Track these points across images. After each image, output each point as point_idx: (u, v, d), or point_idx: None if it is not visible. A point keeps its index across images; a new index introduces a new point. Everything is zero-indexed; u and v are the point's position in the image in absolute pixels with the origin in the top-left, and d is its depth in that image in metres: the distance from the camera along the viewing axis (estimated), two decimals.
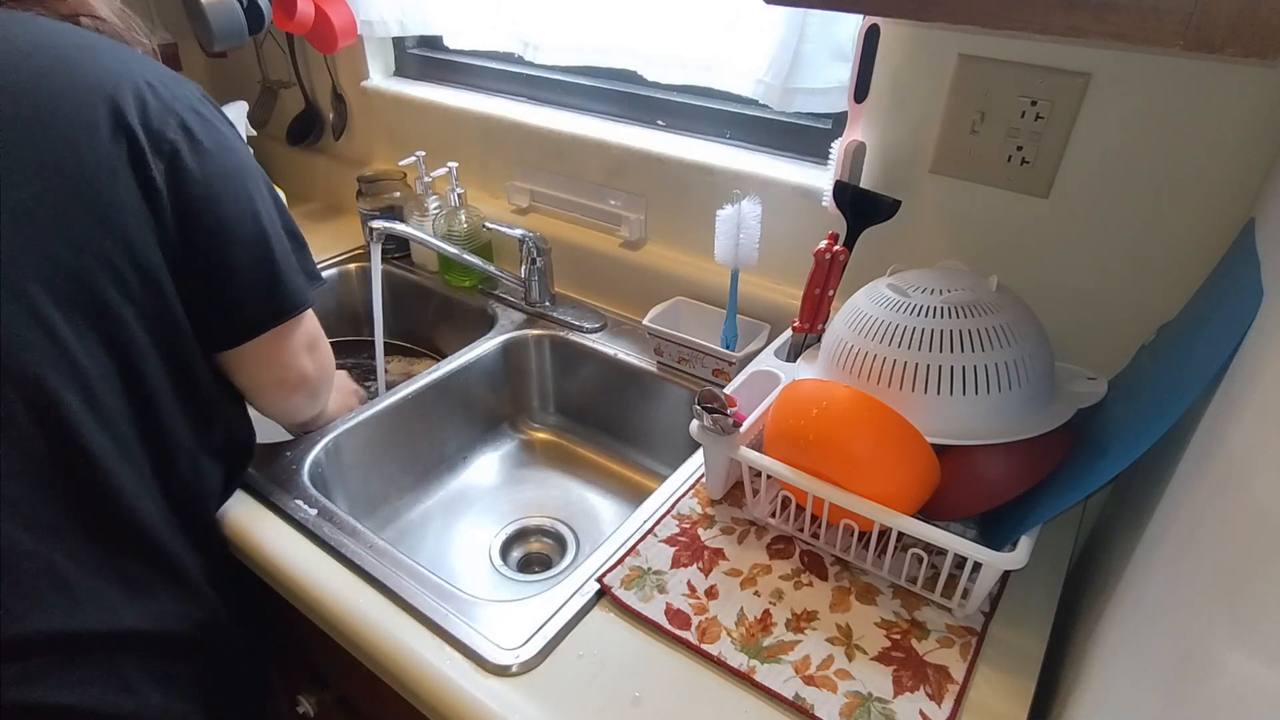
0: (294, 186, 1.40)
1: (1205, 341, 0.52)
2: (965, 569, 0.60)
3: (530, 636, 0.60)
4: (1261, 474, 0.34)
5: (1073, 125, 0.70)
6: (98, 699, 0.59)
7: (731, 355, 0.90)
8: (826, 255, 0.76)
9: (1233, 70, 0.63)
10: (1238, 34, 0.40)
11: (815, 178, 0.89)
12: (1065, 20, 0.45)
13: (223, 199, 0.64)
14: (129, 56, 0.64)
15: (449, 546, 0.93)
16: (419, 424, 0.97)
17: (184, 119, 0.62)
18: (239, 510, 0.75)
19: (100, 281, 0.58)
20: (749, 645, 0.60)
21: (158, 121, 0.61)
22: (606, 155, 1.04)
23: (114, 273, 0.59)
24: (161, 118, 0.61)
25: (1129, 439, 0.52)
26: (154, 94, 0.61)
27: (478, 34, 1.11)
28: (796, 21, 0.81)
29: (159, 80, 0.63)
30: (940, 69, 0.75)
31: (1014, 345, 0.61)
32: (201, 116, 0.64)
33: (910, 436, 0.60)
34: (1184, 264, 0.70)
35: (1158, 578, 0.44)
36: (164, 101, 0.62)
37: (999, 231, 0.79)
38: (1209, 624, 0.34)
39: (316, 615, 0.67)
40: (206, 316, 0.66)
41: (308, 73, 1.37)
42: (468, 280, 1.15)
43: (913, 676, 0.57)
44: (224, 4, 1.03)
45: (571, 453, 1.07)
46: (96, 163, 0.58)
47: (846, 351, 0.66)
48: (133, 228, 0.59)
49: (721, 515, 0.73)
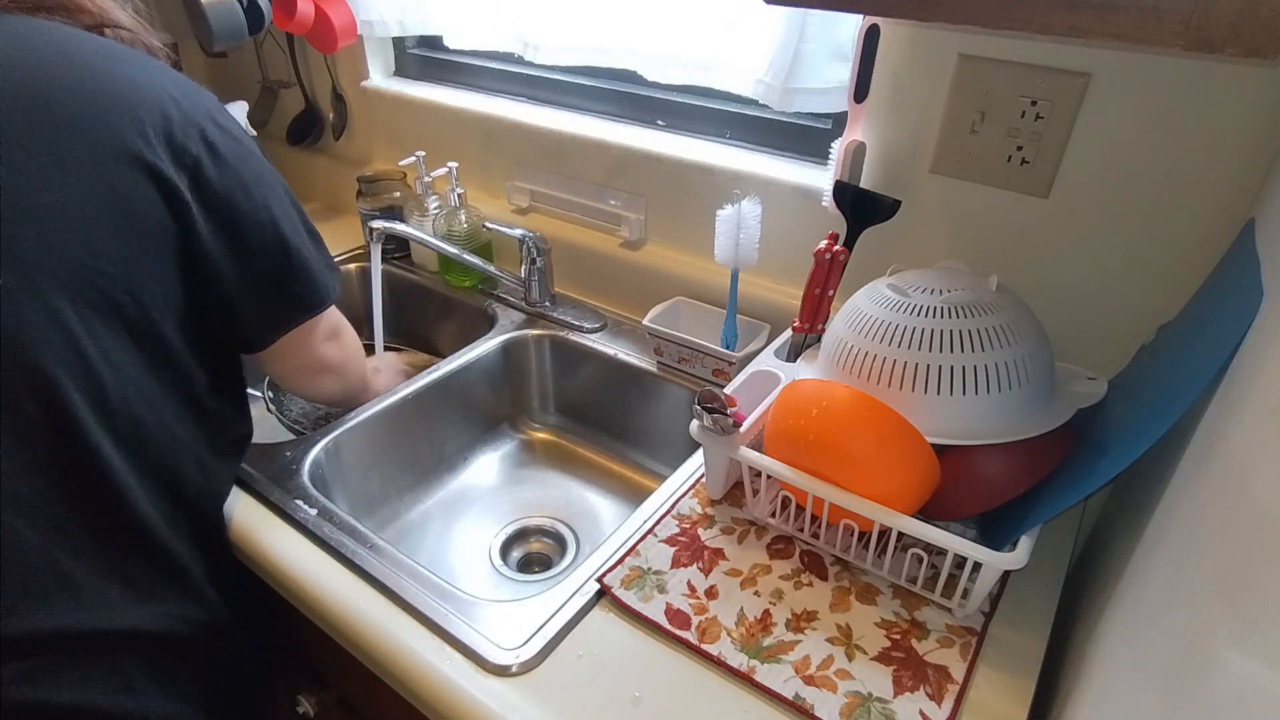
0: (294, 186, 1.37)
1: (1205, 341, 0.52)
2: (965, 569, 0.60)
3: (530, 636, 0.60)
4: (1261, 474, 0.34)
5: (1073, 125, 0.70)
6: (98, 698, 0.59)
7: (731, 355, 0.90)
8: (826, 255, 0.76)
9: (1233, 70, 0.63)
10: (1238, 34, 0.40)
11: (815, 178, 0.89)
12: (1065, 20, 0.45)
13: (244, 207, 0.66)
14: (153, 67, 0.65)
15: (449, 546, 0.93)
16: (419, 424, 0.97)
17: (204, 130, 0.64)
18: (239, 510, 0.75)
19: (117, 286, 0.59)
20: (749, 645, 0.60)
21: (180, 134, 0.62)
22: (606, 155, 1.04)
23: (131, 278, 0.60)
24: (184, 130, 0.62)
25: (1129, 439, 0.52)
26: (177, 107, 0.63)
27: (478, 34, 1.11)
28: (796, 21, 0.81)
29: (181, 92, 0.64)
30: (940, 69, 0.75)
31: (1014, 345, 0.61)
32: (220, 126, 0.66)
33: (910, 436, 0.60)
34: (1184, 264, 0.70)
35: (1158, 578, 0.44)
36: (186, 114, 0.63)
37: (999, 231, 0.79)
38: (1209, 624, 0.34)
39: (317, 615, 0.67)
40: (234, 319, 0.69)
41: (308, 73, 1.37)
42: (468, 280, 1.16)
43: (913, 676, 0.57)
44: (224, 4, 1.03)
45: (571, 453, 1.07)
46: (121, 173, 0.59)
47: (846, 351, 0.66)
48: (153, 236, 0.61)
49: (721, 515, 0.73)
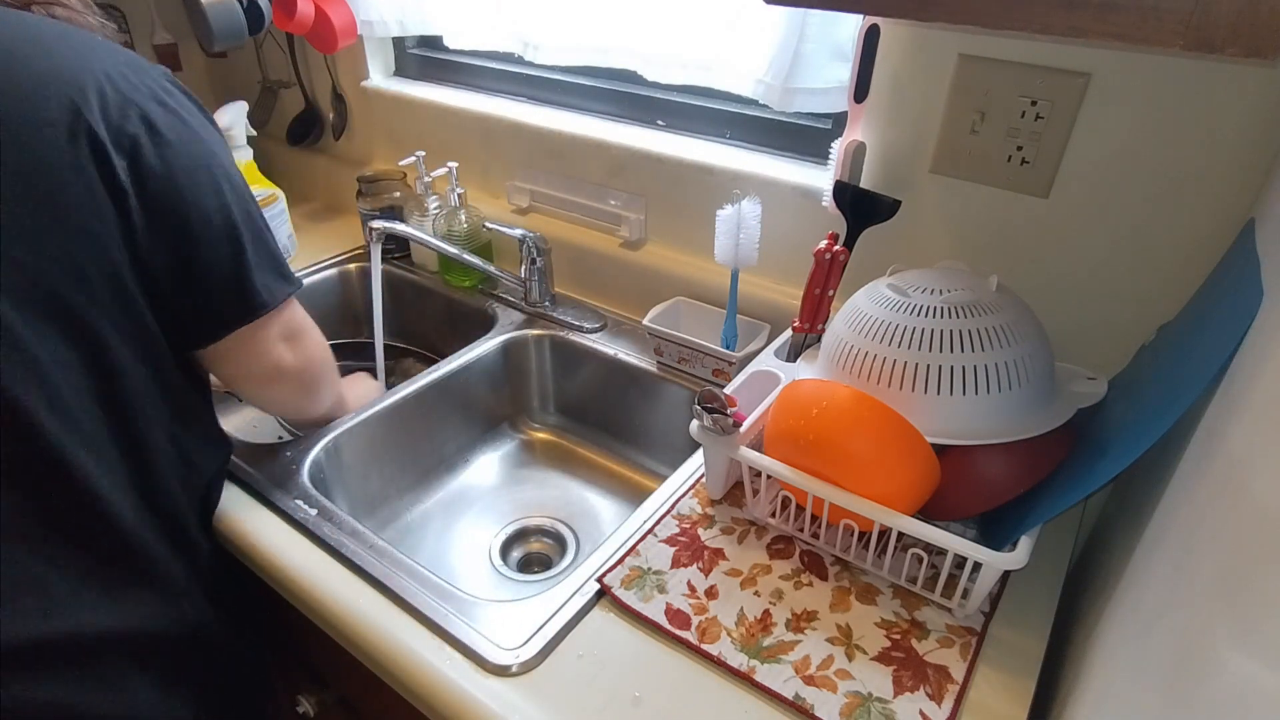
0: (294, 186, 1.39)
1: (1205, 341, 0.52)
2: (965, 569, 0.60)
3: (530, 636, 0.60)
4: (1261, 474, 0.34)
5: (1073, 125, 0.70)
6: (82, 699, 0.58)
7: (731, 355, 0.90)
8: (826, 255, 0.76)
9: (1233, 70, 0.63)
10: (1238, 34, 0.40)
11: (815, 178, 0.89)
12: (1065, 20, 0.45)
13: (186, 193, 0.61)
14: (86, 47, 0.60)
15: (449, 546, 0.93)
16: (419, 424, 0.97)
17: (145, 110, 0.60)
18: (239, 510, 0.75)
19: (63, 284, 0.56)
20: (749, 645, 0.60)
21: (117, 115, 0.58)
22: (606, 155, 1.04)
23: (77, 274, 0.57)
24: (121, 110, 0.58)
25: (1129, 439, 0.52)
26: (113, 86, 0.59)
27: (478, 34, 1.11)
28: (796, 21, 0.81)
29: (118, 70, 0.60)
30: (940, 69, 0.75)
31: (1014, 345, 0.61)
32: (165, 107, 0.61)
33: (910, 436, 0.60)
34: (1184, 264, 0.70)
35: (1158, 578, 0.44)
36: (123, 93, 0.59)
37: (999, 231, 0.79)
38: (1209, 624, 0.34)
39: (316, 615, 0.67)
40: (174, 315, 0.64)
41: (308, 73, 1.37)
42: (468, 280, 1.15)
43: (913, 676, 0.57)
44: (224, 4, 1.03)
45: (571, 453, 1.07)
46: (57, 162, 0.55)
47: (846, 351, 0.66)
48: (96, 227, 0.57)
49: (721, 515, 0.73)
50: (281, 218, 1.20)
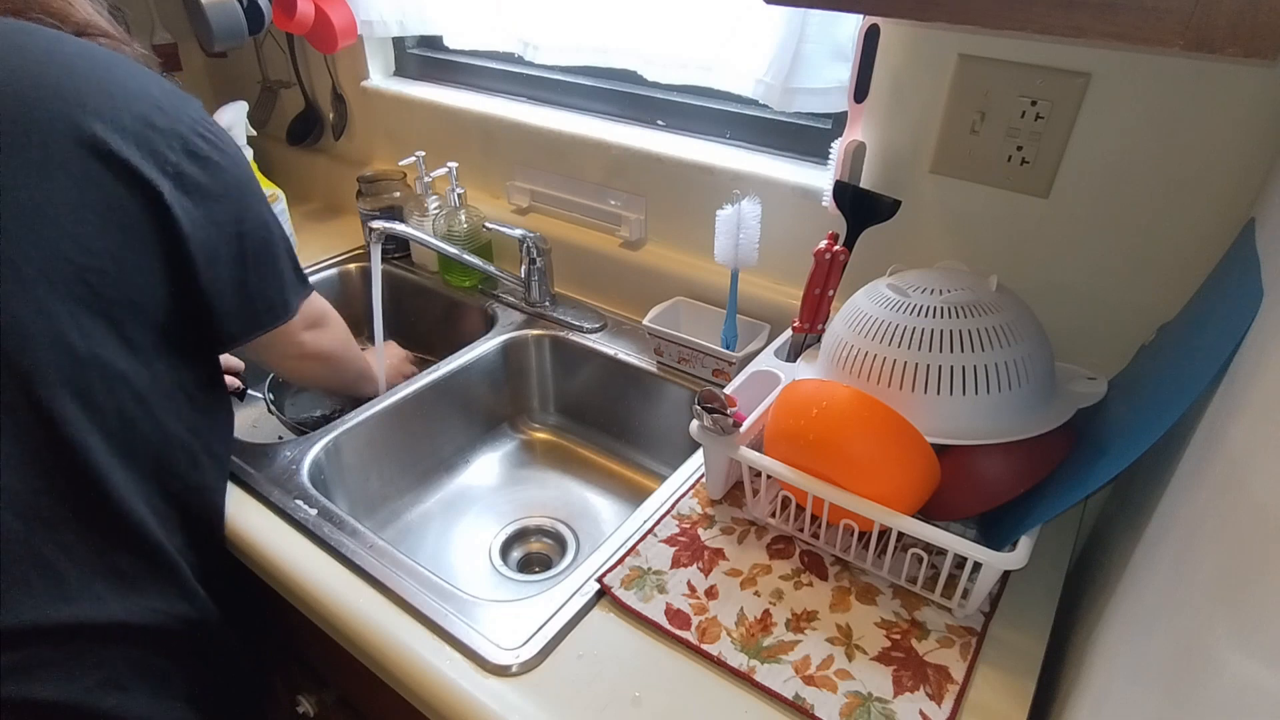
0: (294, 186, 1.39)
1: (1205, 341, 0.52)
2: (965, 569, 0.60)
3: (530, 636, 0.60)
4: (1261, 474, 0.34)
5: (1073, 125, 0.70)
6: (85, 695, 0.59)
7: (731, 355, 0.90)
8: (826, 255, 0.76)
9: (1233, 70, 0.63)
10: (1238, 34, 0.40)
11: (815, 178, 0.89)
12: (1065, 20, 0.45)
13: (225, 214, 0.67)
14: (139, 73, 0.65)
15: (449, 546, 0.93)
16: (419, 424, 0.97)
17: (187, 140, 0.65)
18: (239, 510, 0.75)
19: (105, 281, 0.60)
20: (749, 645, 0.60)
21: (163, 142, 0.63)
22: (606, 155, 1.04)
23: (119, 274, 0.60)
24: (167, 139, 0.63)
25: (1129, 439, 0.52)
26: (162, 113, 0.64)
27: (478, 34, 1.11)
28: (796, 21, 0.81)
29: (167, 100, 0.65)
30: (940, 69, 0.75)
31: (1014, 345, 0.61)
32: (204, 137, 0.66)
33: (910, 436, 0.60)
34: (1184, 264, 0.70)
35: (1158, 578, 0.44)
36: (169, 121, 0.64)
37: (999, 231, 0.79)
38: (1209, 624, 0.34)
39: (316, 615, 0.67)
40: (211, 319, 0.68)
41: (308, 73, 1.37)
42: (468, 280, 1.15)
43: (913, 676, 0.57)
44: (224, 4, 1.03)
45: (571, 453, 1.07)
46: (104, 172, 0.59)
47: (846, 351, 0.66)
48: (137, 234, 0.61)
49: (721, 515, 0.73)
50: (282, 218, 1.20)
